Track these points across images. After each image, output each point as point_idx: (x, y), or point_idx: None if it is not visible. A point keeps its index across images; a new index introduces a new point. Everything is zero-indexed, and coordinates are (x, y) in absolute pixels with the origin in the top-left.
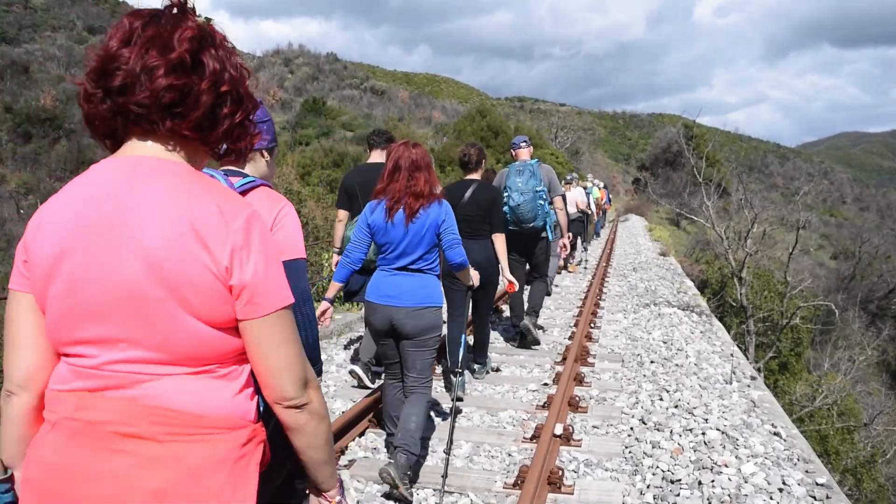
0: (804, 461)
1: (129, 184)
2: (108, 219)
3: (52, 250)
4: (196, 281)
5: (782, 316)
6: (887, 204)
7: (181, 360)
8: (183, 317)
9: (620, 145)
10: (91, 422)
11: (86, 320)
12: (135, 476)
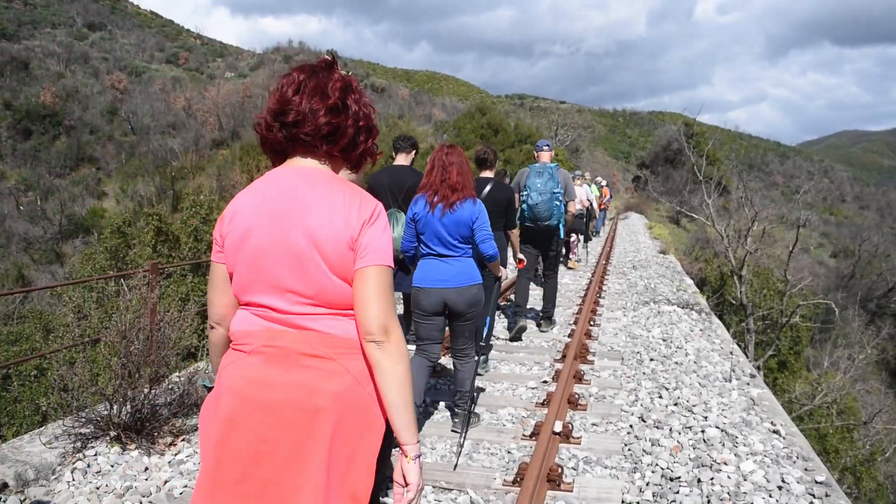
0: (803, 459)
1: (295, 185)
2: (282, 208)
3: (242, 229)
4: (336, 246)
5: (782, 314)
6: (887, 203)
7: (328, 305)
8: (329, 274)
9: (620, 143)
10: (283, 348)
11: (265, 279)
12: (320, 382)
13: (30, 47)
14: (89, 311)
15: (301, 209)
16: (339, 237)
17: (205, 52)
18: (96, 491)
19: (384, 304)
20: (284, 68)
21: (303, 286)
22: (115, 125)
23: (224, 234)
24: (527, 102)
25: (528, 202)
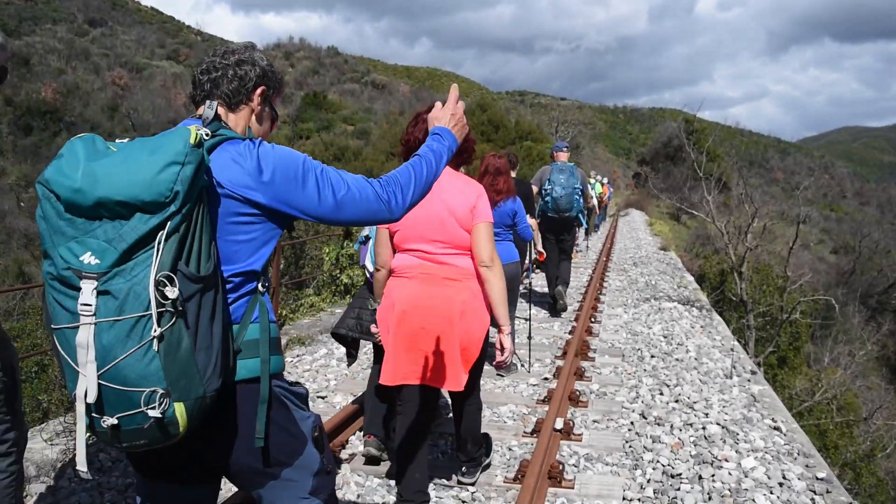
0: (804, 455)
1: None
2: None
3: None
4: (463, 212)
5: (782, 311)
6: (888, 199)
7: (457, 247)
8: (459, 228)
9: (621, 140)
10: (431, 274)
11: (420, 234)
12: (455, 295)
13: (30, 43)
14: None
15: (440, 192)
16: (464, 206)
17: (206, 49)
18: (98, 487)
19: (490, 244)
20: (285, 65)
21: (443, 237)
22: (116, 121)
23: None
24: (527, 99)
25: (553, 195)
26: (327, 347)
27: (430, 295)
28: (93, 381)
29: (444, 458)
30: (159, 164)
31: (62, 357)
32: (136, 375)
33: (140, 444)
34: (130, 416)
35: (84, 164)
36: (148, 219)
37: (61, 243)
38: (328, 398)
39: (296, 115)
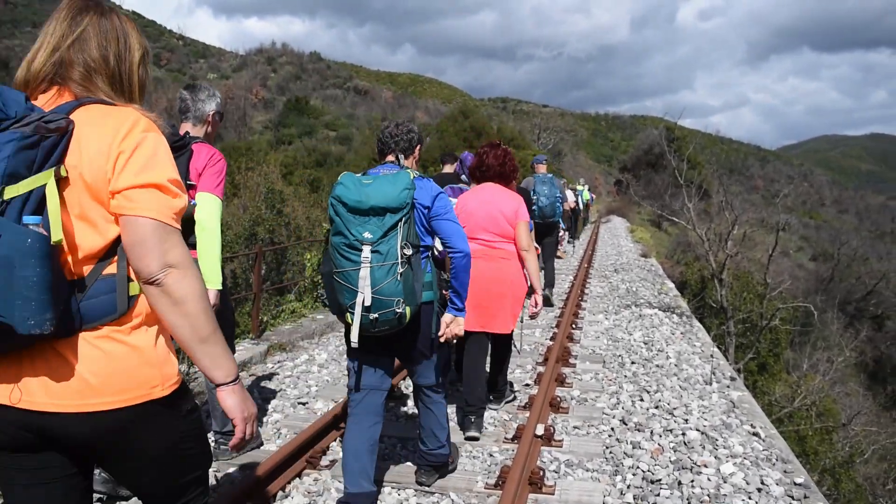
0: (783, 461)
1: (490, 191)
2: (485, 199)
3: (470, 209)
4: (509, 214)
5: (762, 317)
6: (865, 206)
7: (505, 238)
8: (506, 224)
9: (603, 147)
10: (491, 256)
11: (481, 227)
12: (506, 270)
13: (10, 46)
14: None
15: (493, 200)
16: (510, 211)
17: (187, 53)
18: None
19: (527, 236)
20: (267, 70)
21: (495, 230)
22: None
23: (460, 212)
24: (510, 106)
25: (539, 205)
26: (308, 353)
27: (491, 268)
28: (368, 295)
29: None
30: (399, 189)
31: (343, 286)
32: (389, 292)
33: (385, 329)
34: (385, 312)
35: (357, 189)
36: (394, 216)
37: (352, 227)
38: (309, 404)
39: (278, 121)
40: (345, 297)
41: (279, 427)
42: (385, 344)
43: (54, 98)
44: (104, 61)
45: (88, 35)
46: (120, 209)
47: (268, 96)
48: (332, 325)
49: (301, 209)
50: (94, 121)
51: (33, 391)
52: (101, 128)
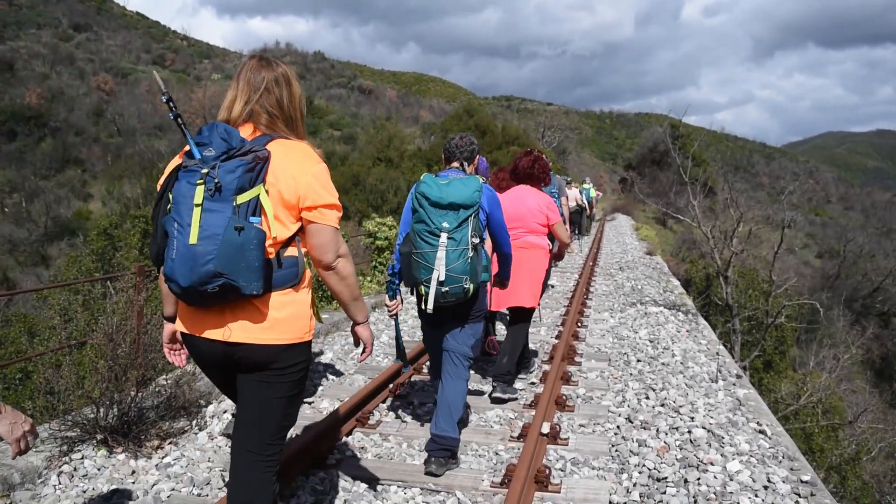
0: (789, 459)
1: (524, 190)
2: (519, 196)
3: (505, 206)
4: (538, 211)
5: (767, 315)
6: (871, 203)
7: (534, 231)
8: (535, 221)
9: (607, 145)
10: (522, 246)
11: (515, 222)
12: (527, 257)
13: (14, 48)
14: (75, 314)
15: (522, 199)
16: (539, 209)
17: (191, 54)
18: (83, 494)
19: (565, 233)
20: None
21: (525, 225)
22: (101, 127)
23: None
24: (514, 104)
25: None
26: (313, 353)
27: (521, 256)
28: (443, 272)
29: None
30: (471, 190)
31: (421, 264)
32: (460, 271)
33: (451, 301)
34: (455, 287)
35: (438, 188)
36: (466, 211)
37: (433, 217)
38: (315, 403)
39: None
40: (421, 273)
41: None
42: (447, 314)
43: (251, 134)
44: (279, 107)
45: (268, 88)
46: (314, 219)
47: None
48: (338, 325)
49: None
50: (283, 153)
51: (234, 330)
52: (289, 159)
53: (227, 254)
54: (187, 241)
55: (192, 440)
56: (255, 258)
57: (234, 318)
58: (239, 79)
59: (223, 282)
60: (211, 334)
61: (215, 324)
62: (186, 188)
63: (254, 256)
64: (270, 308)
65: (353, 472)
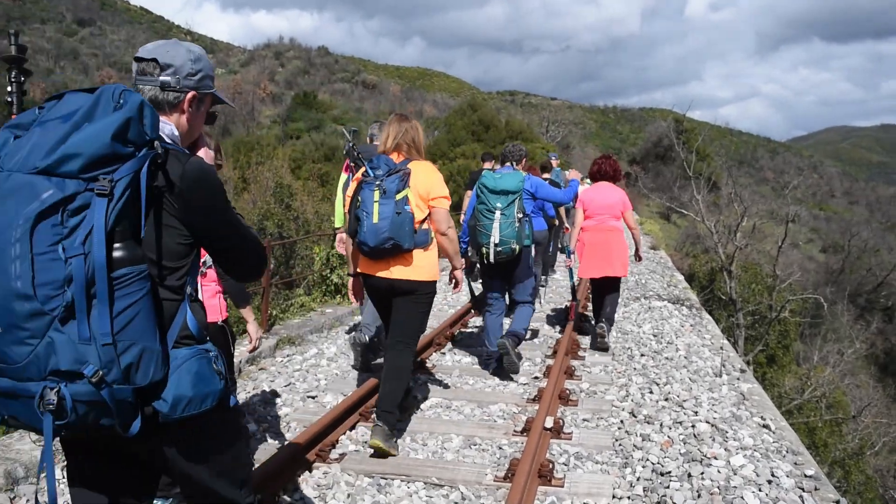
0: (793, 453)
1: (605, 186)
2: (602, 193)
3: (589, 198)
4: (615, 201)
5: (771, 309)
6: (876, 198)
7: (613, 217)
8: (618, 209)
9: (611, 139)
10: (603, 228)
11: (599, 210)
12: (613, 236)
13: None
14: None
15: (605, 193)
16: (615, 200)
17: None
18: None
19: (632, 219)
20: (275, 64)
21: (606, 212)
22: None
23: (584, 200)
24: (518, 99)
25: None
26: (318, 347)
27: (605, 237)
28: (497, 237)
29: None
30: (517, 181)
31: (482, 232)
32: (509, 236)
33: (503, 257)
34: (505, 247)
35: (494, 179)
36: (514, 195)
37: (490, 200)
38: (318, 398)
39: (286, 115)
40: (482, 238)
41: (289, 421)
42: (501, 269)
43: (397, 157)
44: (413, 141)
45: (406, 130)
46: (435, 205)
47: (276, 91)
48: (341, 319)
49: (310, 203)
50: (417, 168)
51: (393, 271)
52: (421, 172)
53: (393, 227)
54: (372, 221)
55: None
56: (409, 229)
57: (395, 265)
58: (390, 127)
59: (392, 243)
60: (381, 274)
61: (384, 269)
62: (368, 192)
63: (408, 228)
64: (414, 259)
65: (356, 467)
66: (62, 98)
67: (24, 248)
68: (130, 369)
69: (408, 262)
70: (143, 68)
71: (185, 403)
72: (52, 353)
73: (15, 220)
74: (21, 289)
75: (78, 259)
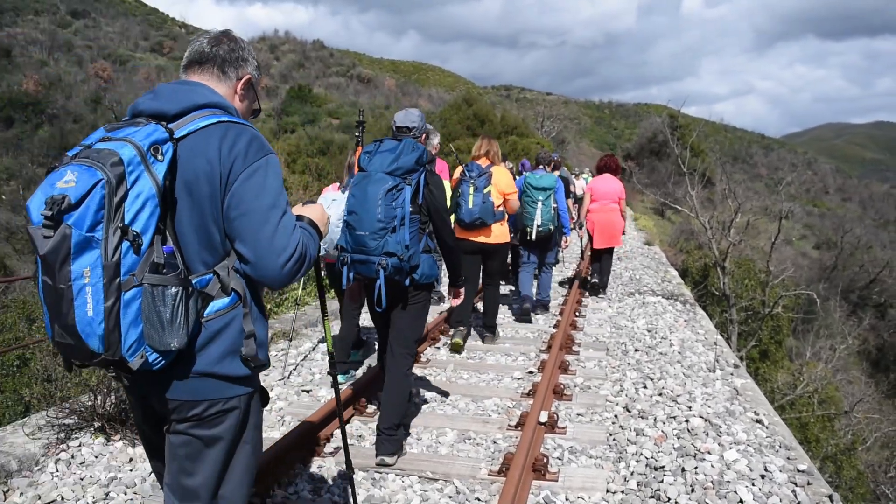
0: (786, 448)
1: (608, 177)
2: (605, 181)
3: (594, 187)
4: (616, 190)
5: (764, 305)
6: (869, 195)
7: (613, 201)
8: (614, 195)
9: (606, 135)
10: (606, 210)
11: (601, 196)
12: (613, 217)
13: (12, 34)
14: None
15: (607, 182)
16: (615, 189)
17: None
18: (80, 482)
19: (623, 205)
20: (270, 58)
21: (608, 198)
22: (100, 114)
23: (592, 188)
24: (513, 94)
25: None
26: (312, 341)
27: (608, 217)
28: (539, 220)
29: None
30: (552, 180)
31: (528, 217)
32: (547, 220)
33: (543, 234)
34: (544, 227)
35: (536, 178)
36: (550, 191)
37: (533, 193)
38: (312, 392)
39: (280, 109)
40: (527, 221)
41: (283, 415)
42: (538, 243)
43: (483, 162)
44: (497, 152)
45: (490, 146)
46: (507, 197)
47: (270, 84)
48: (335, 314)
49: (305, 197)
50: (497, 171)
51: (479, 238)
52: (499, 174)
53: (481, 211)
54: (468, 206)
55: None
56: (492, 212)
57: (481, 234)
58: (481, 143)
59: (480, 221)
60: (472, 239)
61: (474, 236)
62: (466, 187)
63: (491, 211)
64: (493, 230)
65: (352, 461)
66: (383, 142)
67: (381, 203)
68: (412, 257)
69: (489, 233)
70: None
71: (424, 277)
72: (386, 245)
73: (378, 192)
74: (379, 217)
75: (399, 209)
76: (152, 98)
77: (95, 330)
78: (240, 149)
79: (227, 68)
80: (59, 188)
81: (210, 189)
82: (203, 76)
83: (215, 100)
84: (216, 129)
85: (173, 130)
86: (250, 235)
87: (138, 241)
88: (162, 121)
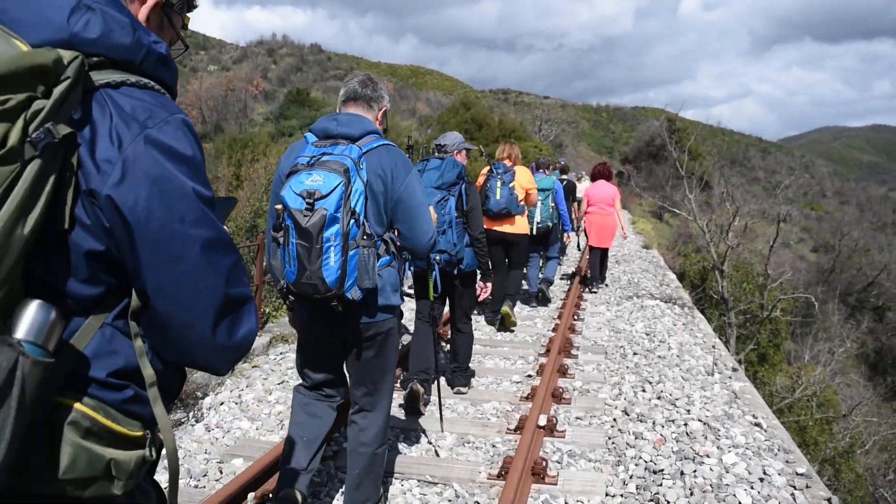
0: (784, 451)
1: (603, 183)
2: (600, 186)
3: (590, 192)
4: (611, 195)
5: (762, 308)
6: (867, 198)
7: (608, 206)
8: (610, 199)
9: (604, 138)
10: (602, 213)
11: (597, 200)
12: (608, 220)
13: None
14: None
15: (603, 188)
16: (610, 194)
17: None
18: None
19: (619, 208)
20: (268, 61)
21: (604, 202)
22: None
23: (588, 194)
24: (511, 97)
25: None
26: None
27: (604, 220)
28: (538, 218)
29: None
30: (551, 182)
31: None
32: (545, 218)
33: (541, 231)
34: (542, 224)
35: (539, 181)
36: (549, 192)
37: (541, 183)
38: None
39: (279, 113)
40: (528, 218)
41: (282, 418)
42: (540, 238)
43: (508, 163)
44: (517, 155)
45: (513, 150)
46: (529, 192)
47: (269, 88)
48: None
49: None
50: (519, 170)
51: (504, 228)
52: (520, 172)
53: (507, 203)
54: (496, 198)
55: (188, 432)
56: (516, 203)
57: (506, 224)
58: (504, 146)
59: (507, 211)
60: (498, 229)
61: (500, 226)
62: (493, 181)
63: (516, 203)
64: (516, 221)
65: None
66: (428, 161)
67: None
68: (458, 252)
69: (513, 223)
70: None
71: (469, 266)
72: (438, 244)
73: (430, 201)
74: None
75: (447, 215)
76: (338, 125)
77: (333, 274)
78: (399, 163)
79: (372, 103)
80: (307, 185)
81: (383, 187)
82: (357, 108)
83: (374, 128)
84: (384, 149)
85: (362, 148)
86: (408, 220)
87: (358, 220)
88: (352, 141)
